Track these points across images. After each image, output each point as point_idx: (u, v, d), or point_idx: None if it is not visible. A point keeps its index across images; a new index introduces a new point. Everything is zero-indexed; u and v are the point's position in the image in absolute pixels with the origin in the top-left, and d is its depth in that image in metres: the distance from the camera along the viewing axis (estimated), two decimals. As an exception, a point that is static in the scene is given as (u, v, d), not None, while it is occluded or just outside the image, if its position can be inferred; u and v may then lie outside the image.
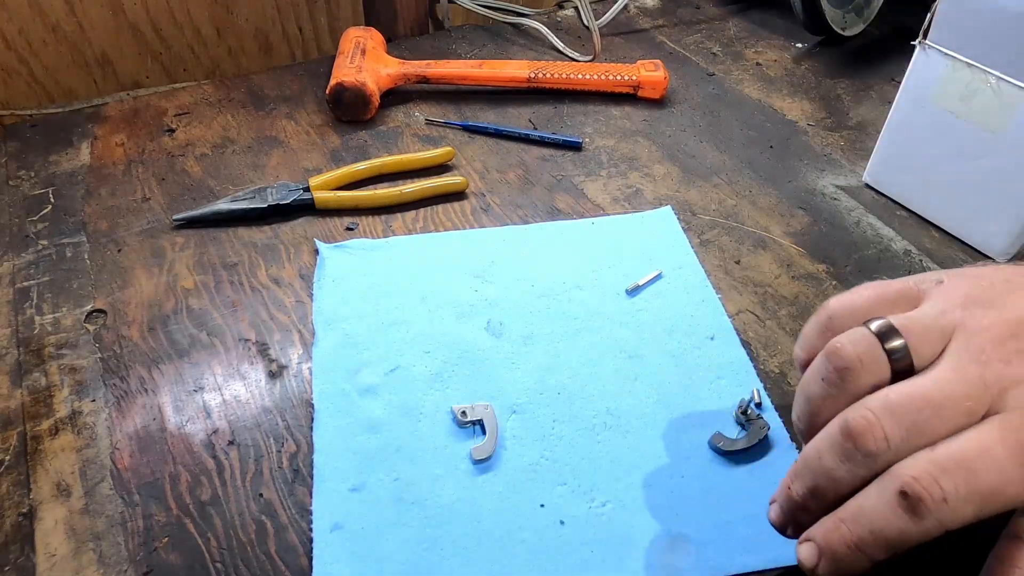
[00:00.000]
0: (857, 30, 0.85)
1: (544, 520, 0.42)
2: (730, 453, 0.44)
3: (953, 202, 0.60)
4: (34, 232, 0.59)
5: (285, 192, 0.61)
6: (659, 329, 0.52)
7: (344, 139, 0.70)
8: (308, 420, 0.46)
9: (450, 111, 0.74)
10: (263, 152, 0.68)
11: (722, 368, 0.50)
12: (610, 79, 0.75)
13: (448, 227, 0.60)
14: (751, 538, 0.41)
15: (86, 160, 0.66)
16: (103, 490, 0.42)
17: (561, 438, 0.45)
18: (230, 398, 0.47)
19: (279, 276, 0.56)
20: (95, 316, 0.52)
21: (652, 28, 0.89)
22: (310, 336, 0.51)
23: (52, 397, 0.47)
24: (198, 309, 0.53)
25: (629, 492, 0.43)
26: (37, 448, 0.44)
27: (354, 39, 0.75)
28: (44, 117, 0.74)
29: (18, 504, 0.42)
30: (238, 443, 0.45)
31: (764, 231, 0.61)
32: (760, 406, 0.47)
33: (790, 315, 0.54)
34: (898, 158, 0.62)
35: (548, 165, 0.67)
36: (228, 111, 0.73)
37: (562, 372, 0.49)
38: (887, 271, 0.57)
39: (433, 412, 0.47)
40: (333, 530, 0.41)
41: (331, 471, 0.43)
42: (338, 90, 0.69)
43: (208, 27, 0.82)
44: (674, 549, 0.40)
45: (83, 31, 0.76)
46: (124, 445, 0.45)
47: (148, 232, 0.59)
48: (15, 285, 0.54)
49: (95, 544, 0.40)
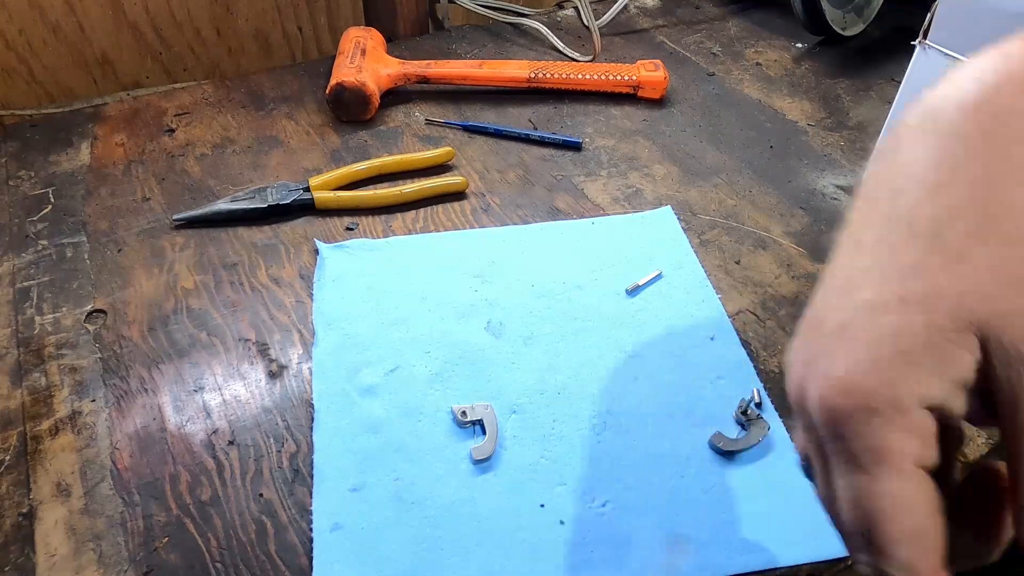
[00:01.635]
0: (857, 30, 0.85)
1: (544, 520, 0.42)
2: (730, 453, 0.44)
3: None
4: (34, 232, 0.59)
5: (285, 192, 0.61)
6: (659, 329, 0.52)
7: (344, 139, 0.70)
8: (308, 420, 0.46)
9: (450, 111, 0.74)
10: (263, 152, 0.68)
11: (722, 368, 0.50)
12: (610, 79, 0.75)
13: (448, 227, 0.60)
14: (751, 538, 0.41)
15: (86, 160, 0.66)
16: (103, 490, 0.42)
17: (561, 438, 0.45)
18: (230, 398, 0.47)
19: (279, 276, 0.56)
20: (95, 316, 0.52)
21: (652, 28, 0.89)
22: (310, 336, 0.51)
23: (52, 397, 0.47)
24: (198, 309, 0.53)
25: (629, 492, 0.43)
26: (37, 448, 0.44)
27: (354, 39, 0.75)
28: (44, 117, 0.74)
29: (18, 504, 0.42)
30: (238, 443, 0.45)
31: (764, 231, 0.61)
32: (760, 406, 0.47)
33: (790, 315, 0.54)
34: (898, 158, 0.62)
35: (548, 165, 0.67)
36: (228, 111, 0.73)
37: (562, 372, 0.49)
38: (887, 271, 0.57)
39: (433, 412, 0.47)
40: (333, 530, 0.41)
41: (331, 471, 0.43)
42: (338, 90, 0.69)
43: (208, 27, 0.82)
44: (674, 549, 0.40)
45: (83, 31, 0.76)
46: (124, 445, 0.45)
47: (148, 232, 0.59)
48: (15, 285, 0.54)
49: (95, 544, 0.40)
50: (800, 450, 0.26)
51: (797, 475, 0.43)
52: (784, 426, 0.46)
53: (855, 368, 0.22)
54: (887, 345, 0.21)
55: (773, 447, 0.45)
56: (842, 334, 0.22)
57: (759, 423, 0.45)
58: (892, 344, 0.21)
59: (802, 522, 0.41)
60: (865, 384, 0.21)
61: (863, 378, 0.21)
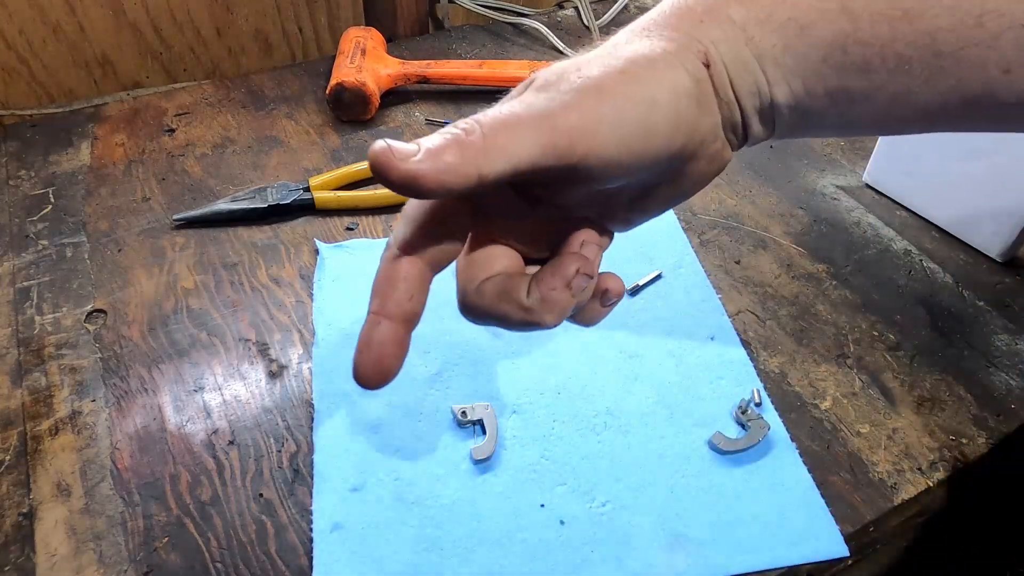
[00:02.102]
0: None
1: (544, 520, 0.42)
2: (730, 453, 0.44)
3: (953, 202, 0.60)
4: (34, 232, 0.59)
5: (285, 192, 0.61)
6: (659, 329, 0.52)
7: (344, 139, 0.70)
8: (308, 420, 0.46)
9: (450, 111, 0.74)
10: (263, 152, 0.68)
11: (722, 368, 0.50)
12: (610, 79, 0.75)
13: (448, 227, 0.60)
14: (751, 538, 0.41)
15: (86, 160, 0.66)
16: (103, 490, 0.42)
17: (561, 438, 0.45)
18: (230, 398, 0.47)
19: (279, 276, 0.56)
20: (95, 316, 0.52)
21: (652, 28, 0.89)
22: (310, 336, 0.51)
23: (52, 397, 0.47)
24: (198, 309, 0.53)
25: (629, 492, 0.43)
26: (37, 448, 0.44)
27: (354, 39, 0.75)
28: (44, 117, 0.74)
29: (18, 504, 0.42)
30: (238, 443, 0.45)
31: (764, 231, 0.61)
32: (760, 406, 0.47)
33: (790, 315, 0.54)
34: (898, 158, 0.62)
35: (548, 165, 0.67)
36: (228, 111, 0.73)
37: (562, 372, 0.49)
38: (887, 271, 0.57)
39: (433, 412, 0.47)
40: (333, 530, 0.41)
41: (331, 471, 0.43)
42: (338, 90, 0.69)
43: (208, 27, 0.82)
44: (674, 549, 0.40)
45: (83, 31, 0.76)
46: (124, 445, 0.45)
47: (148, 232, 0.59)
48: (15, 285, 0.54)
49: (95, 544, 0.40)
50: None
51: (797, 475, 0.44)
52: (784, 426, 0.46)
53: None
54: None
55: (773, 447, 0.45)
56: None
57: (759, 423, 0.45)
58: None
59: (802, 522, 0.41)
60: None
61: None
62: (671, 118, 0.27)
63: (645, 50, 0.28)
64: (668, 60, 0.27)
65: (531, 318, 0.30)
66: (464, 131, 0.25)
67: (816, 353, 0.51)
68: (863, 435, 0.46)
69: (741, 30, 0.28)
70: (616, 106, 0.26)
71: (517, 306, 0.30)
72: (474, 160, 0.25)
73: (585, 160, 0.26)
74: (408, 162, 0.24)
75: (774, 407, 0.47)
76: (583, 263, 0.31)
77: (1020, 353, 0.51)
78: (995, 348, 0.52)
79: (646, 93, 0.27)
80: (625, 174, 0.28)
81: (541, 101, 0.26)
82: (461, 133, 0.25)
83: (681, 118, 0.27)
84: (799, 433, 0.46)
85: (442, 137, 0.25)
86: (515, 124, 0.26)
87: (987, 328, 0.53)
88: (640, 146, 0.27)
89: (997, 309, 0.55)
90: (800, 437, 0.46)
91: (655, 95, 0.27)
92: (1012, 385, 0.49)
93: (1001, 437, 0.46)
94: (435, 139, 0.25)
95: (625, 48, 0.28)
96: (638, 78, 0.27)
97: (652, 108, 0.27)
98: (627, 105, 0.26)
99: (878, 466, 0.45)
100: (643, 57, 0.27)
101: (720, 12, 0.28)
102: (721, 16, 0.28)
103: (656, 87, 0.27)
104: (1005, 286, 0.57)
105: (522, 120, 0.26)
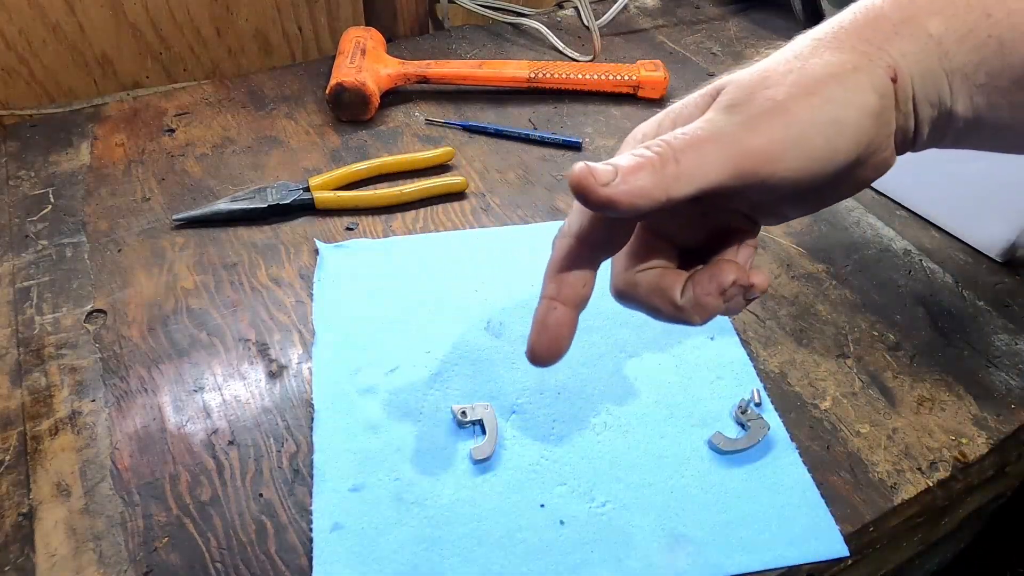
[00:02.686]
0: (857, 30, 0.85)
1: (544, 520, 0.42)
2: (730, 453, 0.44)
3: (953, 202, 0.60)
4: (34, 232, 0.59)
5: (285, 192, 0.61)
6: (659, 329, 0.52)
7: (344, 139, 0.70)
8: (308, 420, 0.46)
9: (450, 111, 0.74)
10: (263, 152, 0.68)
11: (722, 368, 0.50)
12: (610, 79, 0.75)
13: (448, 227, 0.60)
14: (751, 538, 0.41)
15: (86, 160, 0.66)
16: (103, 490, 0.42)
17: (561, 438, 0.45)
18: (230, 398, 0.47)
19: (279, 276, 0.56)
20: (95, 316, 0.52)
21: (652, 28, 0.89)
22: (310, 336, 0.51)
23: (52, 397, 0.47)
24: (198, 309, 0.53)
25: (629, 492, 0.43)
26: (37, 448, 0.44)
27: (354, 39, 0.75)
28: (44, 117, 0.74)
29: (18, 504, 0.42)
30: (238, 443, 0.45)
31: (764, 230, 0.61)
32: (760, 406, 0.47)
33: (790, 315, 0.54)
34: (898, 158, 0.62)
35: (548, 165, 0.67)
36: (228, 111, 0.73)
37: (562, 372, 0.49)
38: (887, 271, 0.57)
39: (433, 412, 0.47)
40: (333, 530, 0.41)
41: (331, 471, 0.43)
42: (338, 90, 0.69)
43: (208, 27, 0.82)
44: (674, 549, 0.40)
45: (83, 31, 0.76)
46: (124, 445, 0.45)
47: (148, 232, 0.59)
48: (15, 285, 0.54)
49: (95, 544, 0.40)
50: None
51: (797, 475, 0.43)
52: (784, 426, 0.46)
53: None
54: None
55: (773, 447, 0.45)
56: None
57: (759, 423, 0.45)
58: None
59: (802, 522, 0.41)
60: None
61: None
62: (854, 137, 0.28)
63: (833, 68, 0.28)
64: (857, 80, 0.27)
65: (681, 316, 0.32)
66: (658, 155, 0.26)
67: (816, 353, 0.51)
68: (863, 435, 0.46)
69: (937, 44, 0.28)
70: (802, 131, 0.27)
71: (670, 303, 0.32)
72: (664, 184, 0.26)
73: (766, 180, 0.27)
74: (608, 187, 0.26)
75: (774, 407, 0.47)
76: (740, 274, 0.32)
77: (1020, 353, 0.51)
78: (995, 348, 0.52)
79: (832, 115, 0.27)
80: (799, 188, 0.28)
81: (729, 125, 0.27)
82: (655, 157, 0.26)
83: (862, 134, 0.28)
84: (799, 433, 0.46)
85: (635, 160, 0.26)
86: (704, 149, 0.27)
87: (987, 328, 0.53)
88: (820, 166, 0.28)
89: (997, 309, 0.55)
90: (800, 437, 0.46)
91: (841, 118, 0.27)
92: (1012, 385, 0.49)
93: (1001, 437, 0.46)
94: (630, 161, 0.26)
95: (812, 62, 0.28)
96: (826, 101, 0.27)
97: (838, 131, 0.27)
98: (813, 131, 0.27)
99: (878, 466, 0.45)
100: (831, 76, 0.27)
101: (917, 23, 0.28)
102: (918, 29, 0.28)
103: (843, 110, 0.27)
104: (1005, 286, 0.57)
105: (711, 144, 0.27)
